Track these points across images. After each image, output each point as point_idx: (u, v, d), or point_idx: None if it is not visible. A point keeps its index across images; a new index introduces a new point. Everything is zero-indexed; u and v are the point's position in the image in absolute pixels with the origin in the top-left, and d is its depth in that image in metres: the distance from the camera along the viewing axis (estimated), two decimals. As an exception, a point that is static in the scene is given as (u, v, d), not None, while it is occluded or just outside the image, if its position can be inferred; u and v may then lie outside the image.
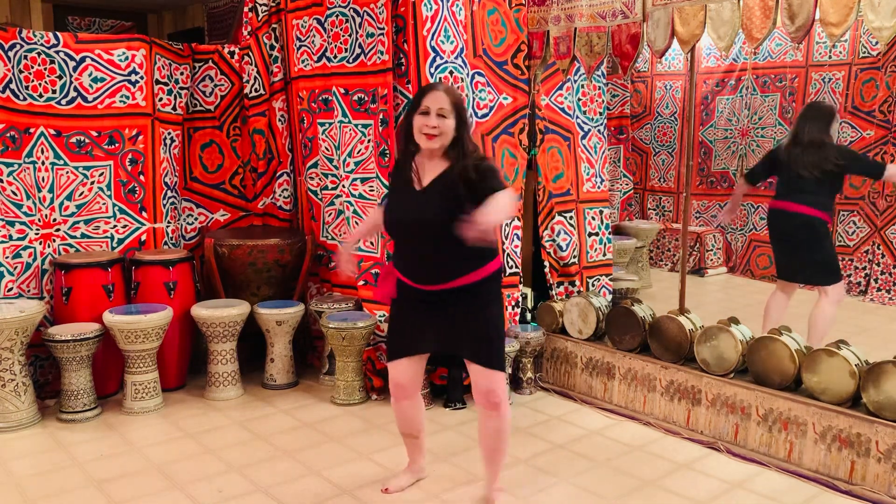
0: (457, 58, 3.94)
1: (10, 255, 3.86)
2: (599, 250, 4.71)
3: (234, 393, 4.06)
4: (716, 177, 6.83)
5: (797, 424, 3.18)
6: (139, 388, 3.80)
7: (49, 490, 2.98)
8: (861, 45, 5.78)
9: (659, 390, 3.71)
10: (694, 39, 3.52)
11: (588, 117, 4.65)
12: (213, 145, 4.64)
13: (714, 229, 6.65)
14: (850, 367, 3.05)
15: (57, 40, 3.95)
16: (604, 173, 4.76)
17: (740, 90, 6.57)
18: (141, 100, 4.16)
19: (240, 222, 4.77)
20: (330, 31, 4.11)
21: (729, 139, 6.71)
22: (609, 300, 4.34)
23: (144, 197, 4.23)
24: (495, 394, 2.64)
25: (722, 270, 6.68)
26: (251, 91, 4.57)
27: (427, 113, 2.54)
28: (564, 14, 4.06)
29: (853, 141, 5.85)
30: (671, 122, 7.08)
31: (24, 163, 3.91)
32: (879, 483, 2.93)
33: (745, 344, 3.45)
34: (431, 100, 2.53)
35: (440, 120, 2.53)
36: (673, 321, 3.69)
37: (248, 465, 3.22)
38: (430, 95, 2.54)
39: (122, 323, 3.69)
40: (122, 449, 3.38)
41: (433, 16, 3.83)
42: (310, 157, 4.43)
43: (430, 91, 2.56)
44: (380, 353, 4.01)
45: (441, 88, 2.57)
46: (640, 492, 3.00)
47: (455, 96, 2.57)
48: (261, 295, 4.34)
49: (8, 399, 3.55)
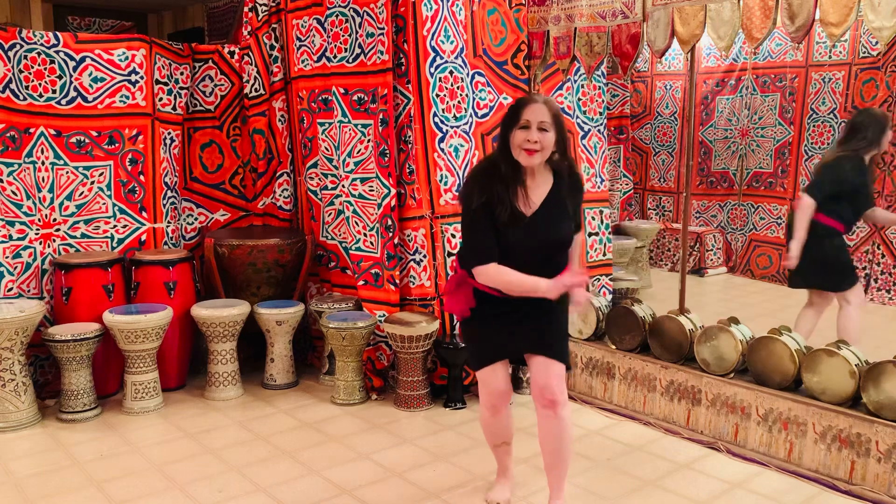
0: (457, 58, 3.94)
1: (10, 255, 3.86)
2: (599, 250, 4.71)
3: (234, 393, 4.06)
4: (716, 177, 6.82)
5: (797, 424, 3.18)
6: (139, 388, 3.80)
7: (49, 490, 2.98)
8: (861, 45, 5.78)
9: (659, 390, 3.71)
10: (694, 39, 3.52)
11: (588, 117, 4.65)
12: (213, 145, 4.64)
13: (714, 228, 6.65)
14: (850, 367, 3.05)
15: (57, 40, 3.95)
16: (604, 173, 4.76)
17: (740, 90, 6.56)
18: (141, 100, 4.16)
19: (240, 222, 4.77)
20: (330, 30, 4.11)
21: (729, 139, 6.70)
22: (609, 300, 4.34)
23: (144, 197, 4.23)
24: (552, 389, 2.52)
25: (722, 270, 6.67)
26: (251, 91, 4.57)
27: (528, 127, 2.40)
28: (564, 14, 4.06)
29: (853, 141, 5.84)
30: (671, 122, 7.08)
31: (24, 163, 3.91)
32: (879, 483, 2.93)
33: (745, 344, 3.45)
34: (531, 113, 2.40)
35: (541, 134, 2.40)
36: (673, 321, 3.69)
37: (248, 465, 3.22)
38: (530, 109, 2.41)
39: (122, 323, 3.69)
40: (122, 449, 3.38)
41: (433, 16, 3.83)
42: (310, 157, 4.43)
43: (529, 104, 2.42)
44: (380, 353, 4.01)
45: (540, 100, 2.43)
46: (640, 492, 3.00)
47: (554, 108, 2.44)
48: (261, 295, 4.34)
49: (8, 399, 3.55)
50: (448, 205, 3.97)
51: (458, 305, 2.62)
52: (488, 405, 2.71)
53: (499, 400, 2.68)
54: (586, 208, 4.64)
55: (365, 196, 4.09)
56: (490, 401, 2.69)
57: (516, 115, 2.42)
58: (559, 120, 2.44)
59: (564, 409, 2.54)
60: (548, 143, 2.41)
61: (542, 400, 2.55)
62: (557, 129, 2.43)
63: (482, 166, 2.55)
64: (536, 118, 2.39)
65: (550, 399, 2.52)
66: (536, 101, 2.43)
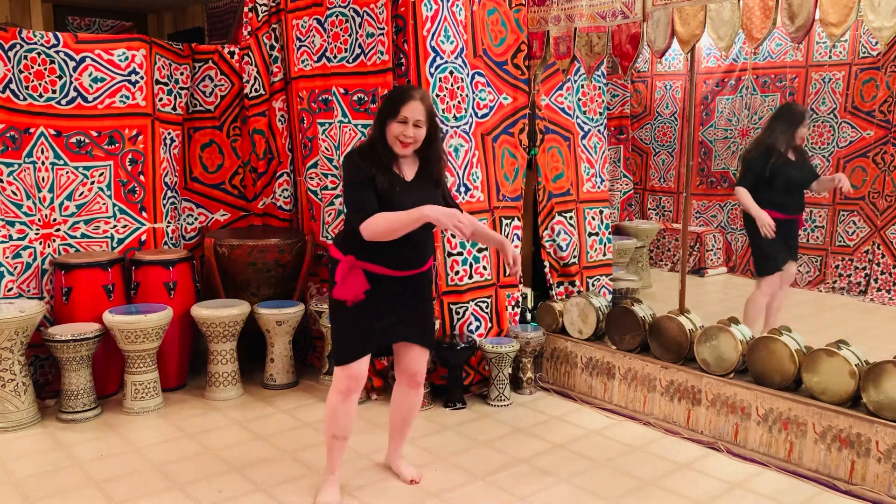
0: (457, 58, 3.94)
1: (10, 255, 3.86)
2: (599, 250, 4.71)
3: (234, 393, 4.06)
4: (716, 177, 6.83)
5: (797, 424, 3.18)
6: (139, 388, 3.80)
7: (49, 490, 2.98)
8: (861, 45, 5.78)
9: (659, 390, 3.71)
10: (694, 39, 3.52)
11: (588, 117, 4.65)
12: (213, 145, 4.64)
13: (714, 228, 6.65)
14: (850, 367, 3.05)
15: (57, 40, 3.95)
16: (604, 173, 4.76)
17: (740, 90, 6.57)
18: (141, 100, 4.16)
19: (240, 222, 4.77)
20: (330, 31, 4.11)
21: (729, 139, 6.71)
22: (609, 300, 4.34)
23: (144, 197, 4.23)
24: (422, 375, 2.95)
25: (722, 270, 6.68)
26: (251, 91, 4.57)
27: (405, 122, 2.62)
28: (564, 14, 4.06)
29: (853, 141, 5.85)
30: (671, 122, 7.08)
31: (24, 163, 3.91)
32: (879, 483, 2.93)
33: (745, 344, 3.45)
34: (409, 110, 2.61)
35: (416, 130, 2.64)
36: (673, 321, 3.69)
37: (248, 465, 3.22)
38: (408, 106, 2.61)
39: (122, 323, 3.69)
40: (122, 449, 3.38)
41: (433, 16, 3.83)
42: (310, 157, 4.43)
43: (408, 100, 2.62)
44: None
45: (418, 97, 2.64)
46: (640, 492, 3.00)
47: (429, 104, 2.67)
48: (261, 295, 4.34)
49: (8, 399, 3.55)
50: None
51: (351, 291, 2.70)
52: (344, 388, 2.76)
53: (356, 384, 2.78)
54: (586, 208, 4.64)
55: (365, 196, 4.08)
56: (347, 384, 2.76)
57: (395, 109, 2.63)
58: (432, 115, 2.70)
59: (422, 387, 3.02)
60: (420, 136, 2.67)
61: (410, 382, 2.96)
62: (430, 124, 2.69)
63: (364, 145, 2.77)
64: (413, 115, 2.62)
65: (418, 382, 2.96)
66: (415, 98, 2.63)
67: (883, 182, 5.68)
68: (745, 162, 4.28)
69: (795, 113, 4.24)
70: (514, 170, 4.24)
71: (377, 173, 2.64)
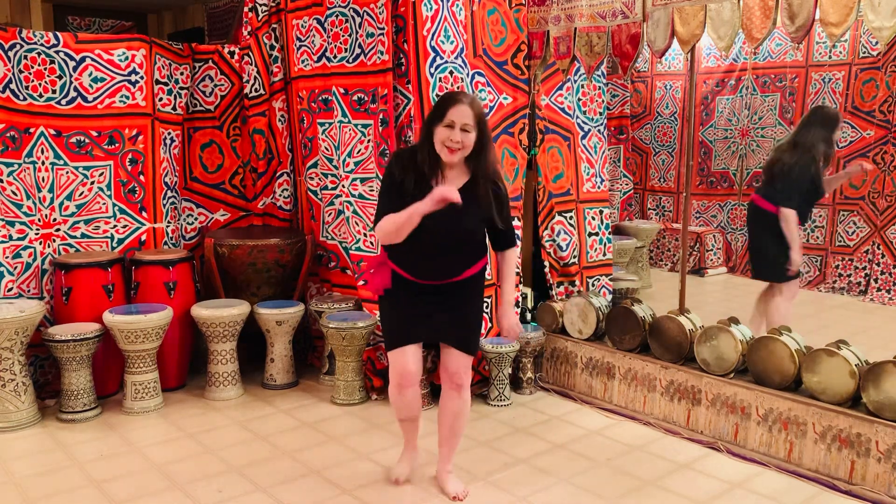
0: (457, 58, 3.94)
1: (10, 255, 3.86)
2: (599, 250, 4.71)
3: (234, 393, 4.06)
4: (716, 177, 6.82)
5: (797, 424, 3.18)
6: (139, 388, 3.80)
7: (49, 490, 2.98)
8: (861, 45, 5.78)
9: (659, 390, 3.71)
10: (694, 39, 3.52)
11: (588, 117, 4.65)
12: (213, 145, 4.64)
13: (714, 228, 6.65)
14: (850, 367, 3.05)
15: (57, 40, 3.94)
16: (604, 173, 4.76)
17: (740, 90, 6.56)
18: (141, 100, 4.16)
19: (240, 222, 4.77)
20: (330, 31, 4.11)
21: (729, 139, 6.70)
22: (609, 300, 4.34)
23: (144, 197, 4.23)
24: (460, 376, 2.81)
25: (722, 270, 6.67)
26: (251, 91, 4.57)
27: (451, 126, 2.52)
28: (564, 14, 4.06)
29: (853, 141, 5.85)
30: (671, 122, 7.08)
31: (24, 163, 3.91)
32: (879, 483, 2.93)
33: (745, 344, 3.45)
34: (457, 114, 2.51)
35: (464, 135, 2.53)
36: (673, 321, 3.69)
37: (248, 465, 3.22)
38: (456, 109, 2.52)
39: (122, 323, 3.69)
40: (122, 449, 3.38)
41: (433, 16, 3.83)
42: (310, 157, 4.43)
43: (456, 104, 2.53)
44: (380, 353, 4.00)
45: (466, 101, 2.53)
46: (640, 492, 3.00)
47: (478, 109, 2.56)
48: (261, 295, 4.34)
49: (8, 399, 3.55)
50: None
51: (374, 284, 2.76)
52: (395, 384, 2.82)
53: (405, 380, 2.79)
54: (586, 208, 4.64)
55: (365, 196, 4.09)
56: (396, 380, 2.81)
57: (442, 113, 2.54)
58: (482, 121, 2.57)
59: (466, 392, 2.85)
60: (469, 142, 2.55)
61: (450, 384, 2.83)
62: (479, 130, 2.56)
63: (407, 150, 2.69)
64: (461, 119, 2.51)
65: (458, 384, 2.82)
66: (462, 102, 2.53)
67: (883, 182, 5.68)
68: (785, 176, 3.89)
69: (831, 116, 3.98)
70: (514, 170, 4.24)
71: (406, 179, 2.58)
